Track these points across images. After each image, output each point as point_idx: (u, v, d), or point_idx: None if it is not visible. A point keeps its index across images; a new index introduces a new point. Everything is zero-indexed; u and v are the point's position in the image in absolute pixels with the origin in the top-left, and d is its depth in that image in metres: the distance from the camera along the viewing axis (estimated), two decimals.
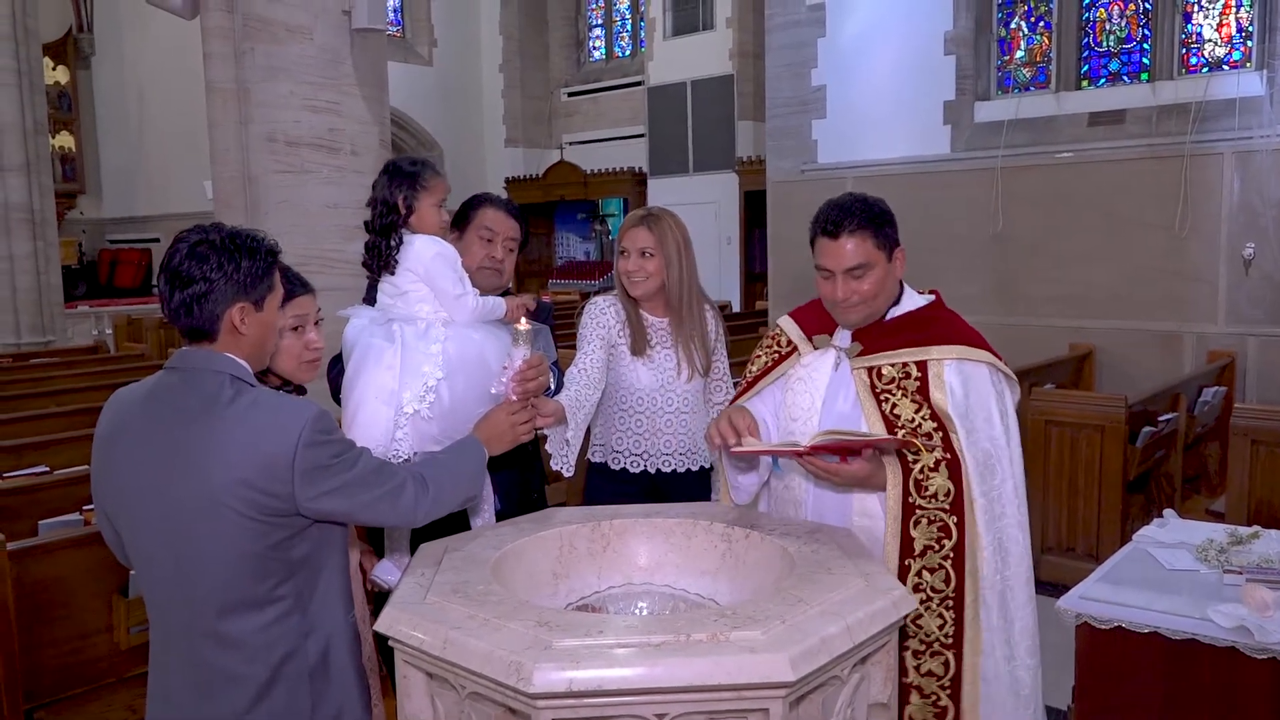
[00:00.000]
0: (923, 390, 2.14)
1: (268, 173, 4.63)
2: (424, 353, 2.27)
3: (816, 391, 2.26)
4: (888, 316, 2.24)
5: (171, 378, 1.76)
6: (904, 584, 1.98)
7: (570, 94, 16.36)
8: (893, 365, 2.19)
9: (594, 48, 16.41)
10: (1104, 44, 7.49)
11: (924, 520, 2.08)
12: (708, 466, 2.87)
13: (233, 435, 1.67)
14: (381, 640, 1.80)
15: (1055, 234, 7.22)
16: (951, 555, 2.07)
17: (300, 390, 2.11)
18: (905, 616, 1.74)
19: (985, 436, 2.13)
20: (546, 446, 2.45)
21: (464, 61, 16.18)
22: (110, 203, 16.85)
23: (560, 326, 3.09)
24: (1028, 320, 7.28)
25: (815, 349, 2.31)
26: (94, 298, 14.92)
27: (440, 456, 2.04)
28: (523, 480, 2.69)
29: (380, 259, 2.33)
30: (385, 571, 2.29)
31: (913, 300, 2.28)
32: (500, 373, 2.21)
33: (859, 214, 2.14)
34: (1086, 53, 7.57)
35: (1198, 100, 6.67)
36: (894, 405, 2.15)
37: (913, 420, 2.13)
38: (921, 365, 2.17)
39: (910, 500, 2.08)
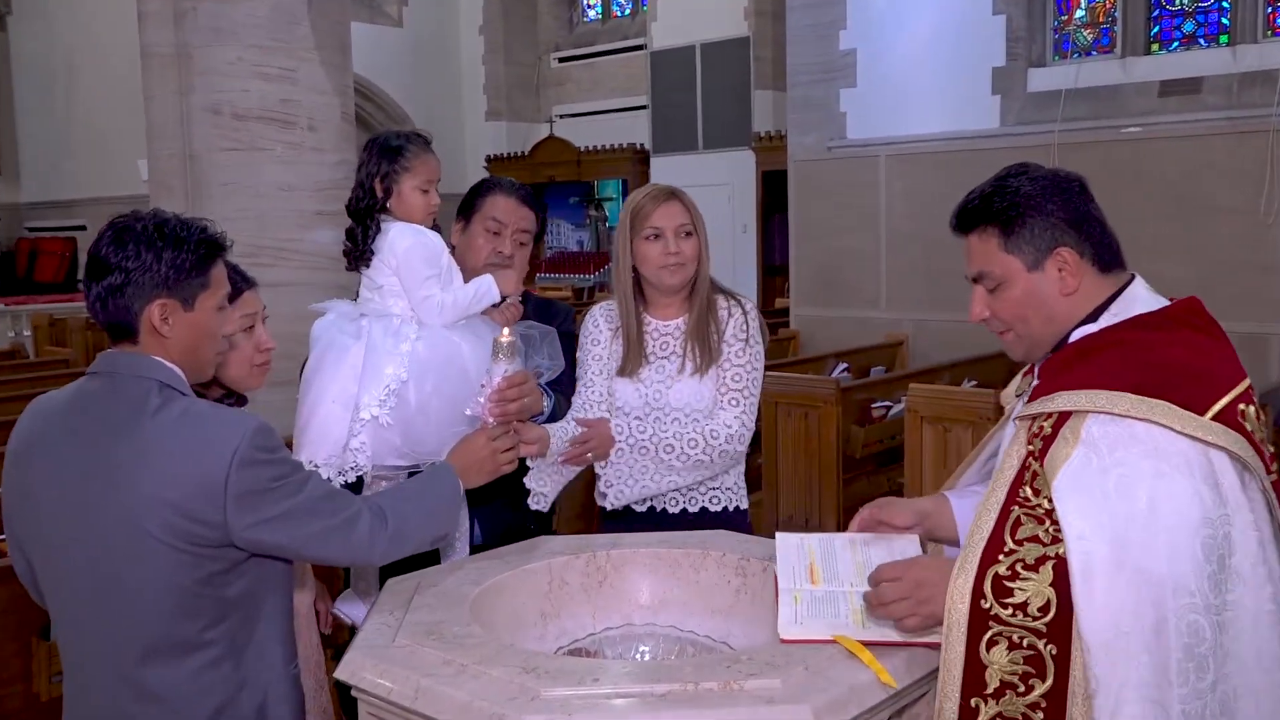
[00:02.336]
0: (1043, 454, 1.70)
1: (212, 150, 4.64)
2: (389, 352, 2.28)
3: (1000, 453, 1.87)
4: (1072, 339, 1.80)
5: (94, 384, 1.77)
6: None
7: (561, 59, 16.36)
8: (1036, 418, 1.76)
9: (589, 6, 16.42)
10: (1177, 2, 7.51)
11: (1003, 641, 1.60)
12: (736, 509, 2.65)
13: (157, 451, 1.67)
14: (343, 690, 1.80)
15: (1120, 220, 7.11)
16: (1043, 705, 1.58)
17: (241, 400, 2.12)
18: None
19: (1133, 541, 1.56)
20: (525, 480, 2.40)
21: (439, 22, 16.19)
22: (30, 185, 16.86)
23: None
24: None
25: (1015, 396, 1.96)
26: (10, 294, 14.91)
27: (405, 486, 2.03)
28: (514, 512, 2.60)
29: (356, 248, 2.36)
30: (349, 606, 2.30)
31: (1125, 311, 1.77)
32: (477, 391, 2.19)
33: (986, 199, 1.79)
34: (1157, 11, 7.59)
35: None
36: (1035, 475, 1.72)
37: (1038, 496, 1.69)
38: (1063, 418, 1.69)
39: (984, 606, 1.61)
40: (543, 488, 2.40)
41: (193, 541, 1.68)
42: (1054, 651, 1.57)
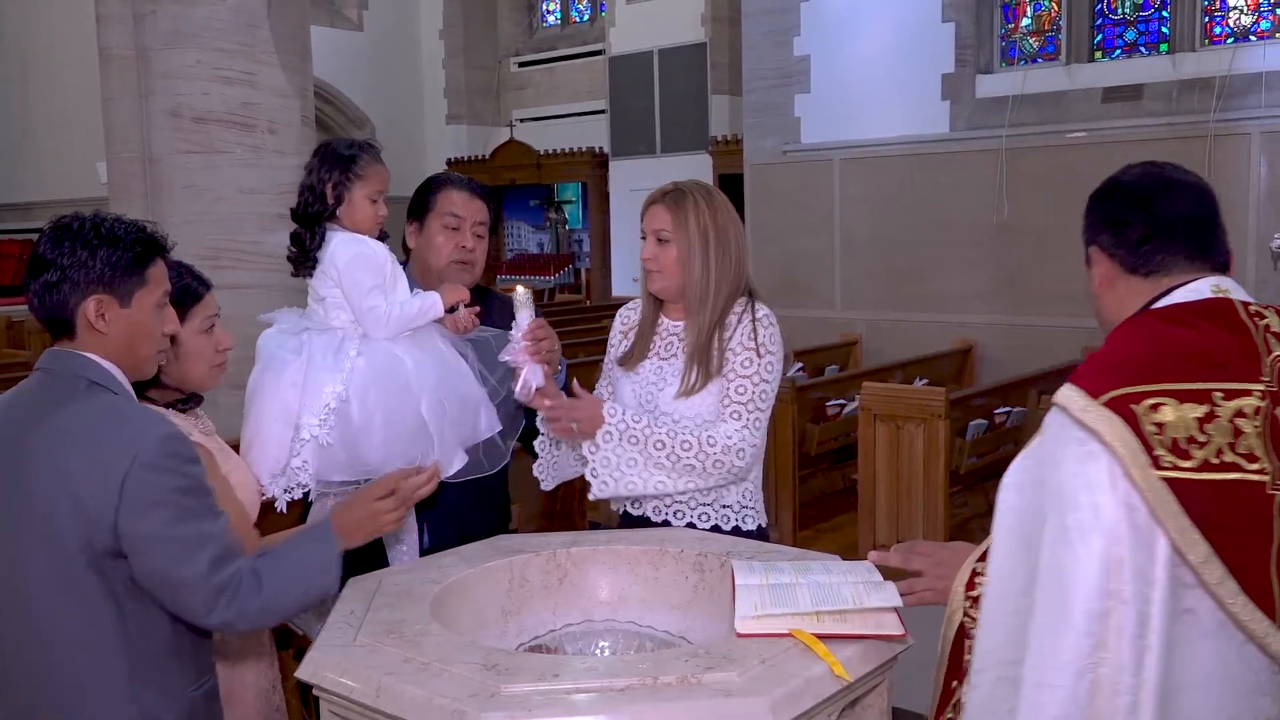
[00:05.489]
0: None
1: (171, 153, 4.57)
2: (330, 369, 2.22)
3: None
4: None
5: (31, 381, 1.78)
6: (945, 712, 1.68)
7: (521, 64, 16.31)
8: None
9: (548, 11, 16.40)
10: (1119, 11, 7.63)
11: (969, 630, 1.64)
12: (729, 529, 2.45)
13: (70, 444, 1.66)
14: (305, 690, 1.78)
15: (1066, 222, 7.25)
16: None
17: (197, 401, 2.11)
18: (899, 654, 1.76)
19: (1028, 530, 1.49)
20: (535, 444, 2.52)
21: (399, 26, 16.08)
22: None
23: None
24: (1035, 320, 7.38)
25: None
26: None
27: (280, 547, 1.95)
28: (465, 517, 2.47)
29: (301, 254, 2.31)
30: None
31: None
32: (511, 342, 2.33)
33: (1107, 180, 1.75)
34: (1100, 20, 7.71)
35: (1222, 74, 6.81)
36: None
37: None
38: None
39: (973, 593, 1.64)
40: (544, 461, 2.52)
41: (94, 549, 1.65)
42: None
